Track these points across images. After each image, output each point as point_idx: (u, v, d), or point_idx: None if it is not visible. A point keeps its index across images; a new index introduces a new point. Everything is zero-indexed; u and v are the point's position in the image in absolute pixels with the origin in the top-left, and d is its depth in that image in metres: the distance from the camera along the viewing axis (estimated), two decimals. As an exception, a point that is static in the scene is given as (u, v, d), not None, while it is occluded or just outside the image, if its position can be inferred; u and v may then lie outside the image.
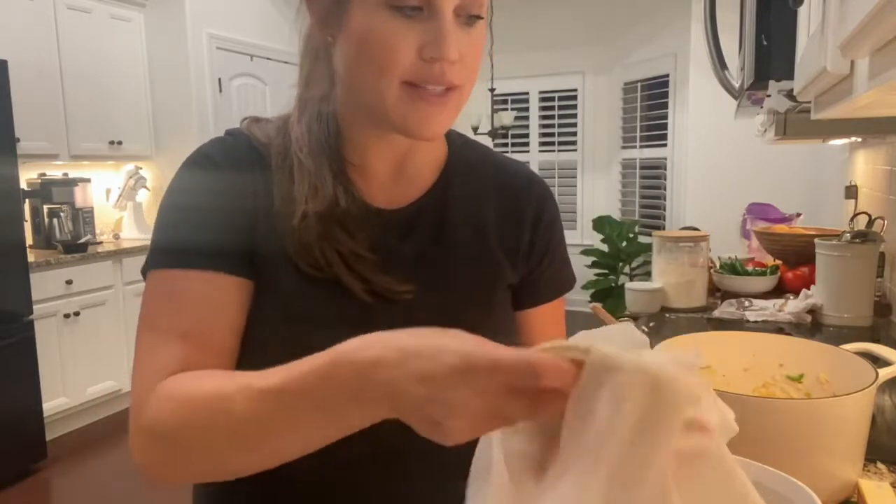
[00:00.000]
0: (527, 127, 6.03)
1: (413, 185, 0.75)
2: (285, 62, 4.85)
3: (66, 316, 3.50)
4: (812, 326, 1.73)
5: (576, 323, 0.72)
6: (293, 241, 0.67)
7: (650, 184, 5.44)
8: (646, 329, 1.72)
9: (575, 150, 5.94)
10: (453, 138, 0.80)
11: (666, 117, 5.16)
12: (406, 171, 0.75)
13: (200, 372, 0.61)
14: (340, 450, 0.64)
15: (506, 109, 5.54)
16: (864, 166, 2.32)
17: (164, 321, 0.64)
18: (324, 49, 0.70)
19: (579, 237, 5.78)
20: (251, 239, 0.67)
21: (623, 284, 2.92)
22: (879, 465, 0.90)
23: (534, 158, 6.01)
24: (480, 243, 0.76)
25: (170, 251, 0.66)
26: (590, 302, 3.26)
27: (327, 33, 0.67)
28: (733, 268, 2.10)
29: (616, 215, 5.64)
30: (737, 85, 1.56)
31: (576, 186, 5.94)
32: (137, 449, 0.60)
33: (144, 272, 0.68)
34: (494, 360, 0.44)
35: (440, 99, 0.64)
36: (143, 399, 0.60)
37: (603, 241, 5.30)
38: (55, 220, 3.76)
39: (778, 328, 1.72)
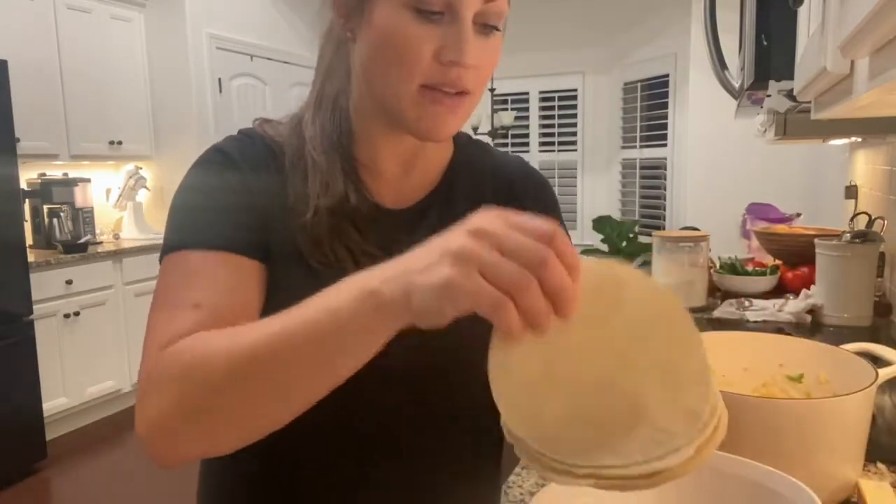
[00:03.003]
0: (527, 127, 6.03)
1: (420, 185, 0.77)
2: (285, 62, 4.85)
3: (66, 316, 3.50)
4: (812, 326, 1.73)
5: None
6: (305, 237, 0.68)
7: (650, 184, 5.44)
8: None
9: (575, 150, 5.94)
10: (459, 137, 0.81)
11: (666, 117, 5.15)
12: (414, 170, 0.76)
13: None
14: (344, 433, 0.64)
15: (506, 109, 5.54)
16: (864, 166, 2.32)
17: (176, 296, 0.62)
18: (343, 43, 0.71)
19: (579, 237, 5.77)
20: (265, 237, 0.68)
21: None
22: (879, 465, 0.90)
23: (534, 158, 6.00)
24: None
25: (185, 235, 0.66)
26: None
27: (348, 28, 0.68)
28: (733, 268, 2.10)
29: (616, 215, 5.64)
30: (737, 85, 1.56)
31: (576, 186, 5.93)
32: (145, 414, 0.55)
33: (161, 260, 0.67)
34: (514, 217, 0.47)
35: (453, 102, 0.65)
36: (152, 361, 0.57)
37: (603, 241, 5.29)
38: (55, 220, 3.76)
39: (778, 328, 1.72)
